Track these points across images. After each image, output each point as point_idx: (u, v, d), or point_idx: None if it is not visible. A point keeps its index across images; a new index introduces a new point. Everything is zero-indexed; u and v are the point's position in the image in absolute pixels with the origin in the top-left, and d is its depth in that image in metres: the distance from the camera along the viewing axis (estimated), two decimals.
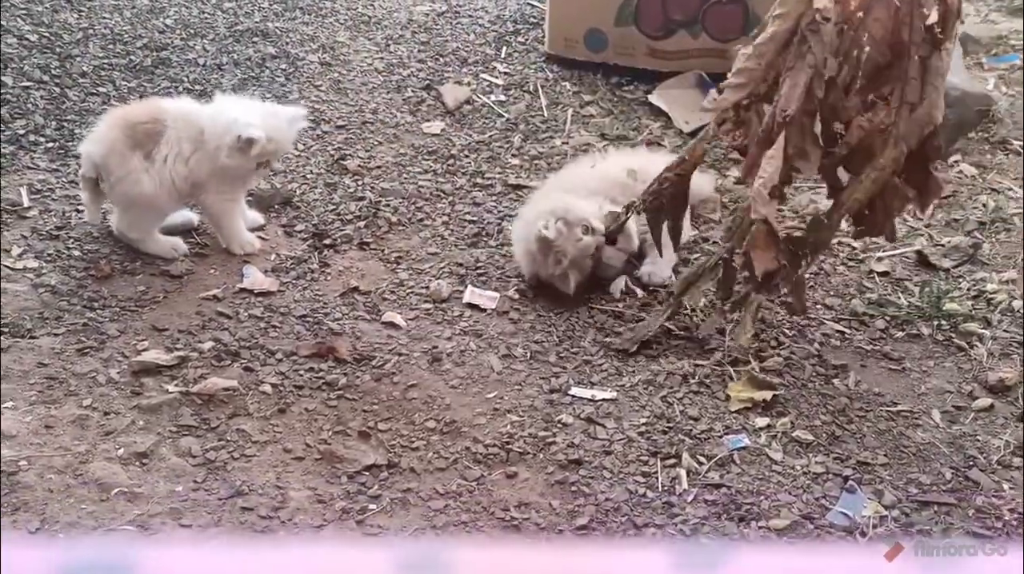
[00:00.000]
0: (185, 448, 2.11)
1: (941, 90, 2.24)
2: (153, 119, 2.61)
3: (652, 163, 3.05)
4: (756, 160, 2.20)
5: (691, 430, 2.24)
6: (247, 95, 3.50)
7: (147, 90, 3.42)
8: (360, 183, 3.17)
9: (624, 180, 2.89)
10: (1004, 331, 2.54)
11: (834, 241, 2.93)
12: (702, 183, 3.13)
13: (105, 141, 2.58)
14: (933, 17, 2.12)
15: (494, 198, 3.15)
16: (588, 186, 2.84)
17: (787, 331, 2.58)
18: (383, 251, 2.88)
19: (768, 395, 2.31)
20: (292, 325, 2.54)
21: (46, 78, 3.38)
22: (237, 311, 2.56)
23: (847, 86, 2.20)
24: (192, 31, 3.84)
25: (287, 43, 3.88)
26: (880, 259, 2.83)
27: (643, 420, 2.28)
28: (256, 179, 2.85)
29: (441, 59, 3.92)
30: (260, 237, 2.86)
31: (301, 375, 2.37)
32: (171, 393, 2.24)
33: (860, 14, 2.16)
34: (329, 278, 2.74)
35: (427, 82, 3.76)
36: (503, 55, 3.98)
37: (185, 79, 3.55)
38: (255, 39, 3.87)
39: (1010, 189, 3.10)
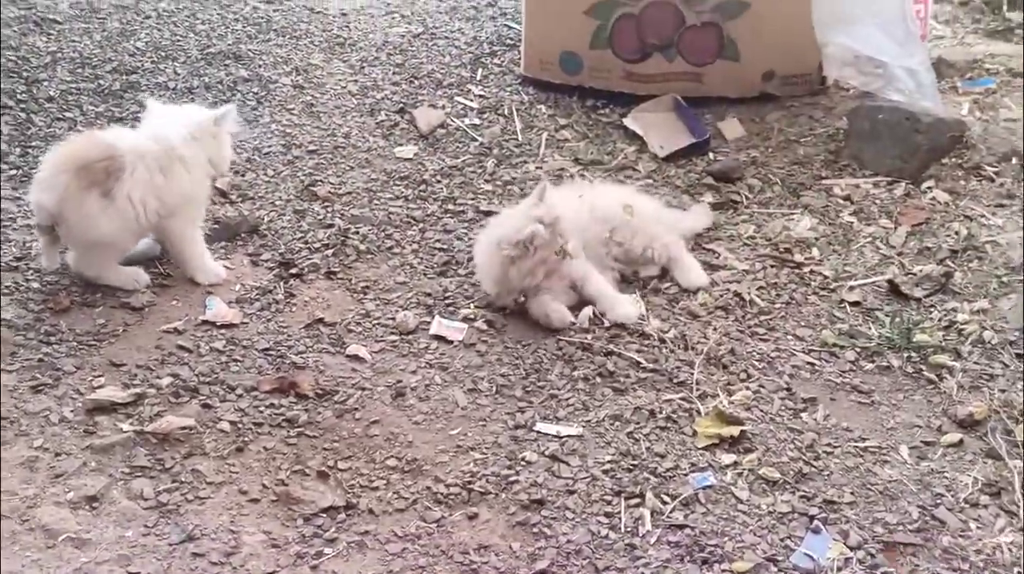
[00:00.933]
0: (137, 490, 2.06)
1: None
2: (107, 156, 2.53)
3: (642, 200, 3.03)
4: None
5: (656, 468, 2.21)
6: None
7: (115, 115, 3.39)
8: (330, 210, 3.14)
9: (621, 215, 2.87)
10: (975, 363, 2.51)
11: (806, 269, 2.91)
12: (699, 215, 3.11)
13: (56, 187, 2.49)
14: None
15: (465, 225, 3.12)
16: (579, 219, 2.81)
17: (756, 363, 2.55)
18: (350, 281, 2.84)
19: (735, 431, 2.28)
20: (254, 359, 2.49)
21: (11, 103, 3.34)
22: (198, 344, 2.51)
23: None
24: (163, 54, 3.81)
25: (260, 66, 3.85)
26: (852, 288, 2.81)
27: (608, 457, 2.24)
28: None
29: (416, 81, 3.90)
30: (226, 266, 2.82)
31: (261, 411, 2.32)
32: (125, 432, 2.19)
33: None
34: (294, 309, 2.70)
35: (401, 105, 3.73)
36: (479, 77, 3.96)
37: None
38: (227, 62, 3.84)
39: (983, 216, 3.08)
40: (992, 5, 4.37)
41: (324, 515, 2.06)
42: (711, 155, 3.51)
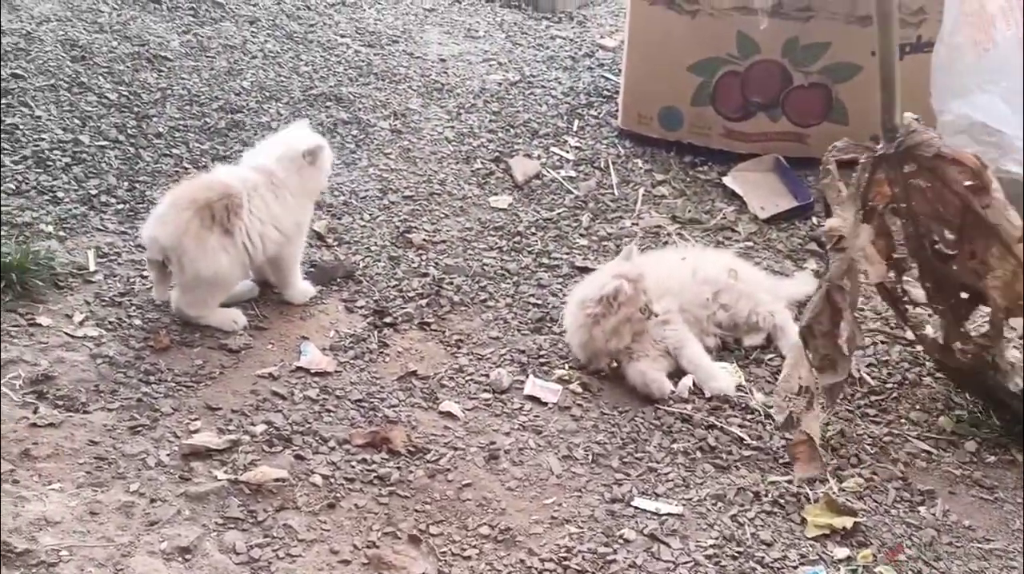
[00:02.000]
0: (229, 544, 2.02)
1: None
2: (224, 195, 2.58)
3: (744, 265, 2.94)
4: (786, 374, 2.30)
5: (763, 558, 2.09)
6: None
7: (219, 152, 3.43)
8: (424, 258, 3.11)
9: (725, 278, 2.79)
10: None
11: (920, 348, 2.77)
12: (803, 283, 3.02)
13: (176, 224, 2.53)
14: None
15: (560, 280, 3.06)
16: (680, 281, 2.74)
17: (868, 448, 2.42)
18: (444, 332, 2.80)
19: (849, 523, 2.15)
20: (347, 410, 2.46)
21: (122, 138, 3.41)
22: (292, 391, 2.49)
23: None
24: (267, 94, 3.86)
25: (359, 109, 3.88)
26: None
27: (711, 541, 2.13)
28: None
29: (512, 130, 3.88)
30: (322, 312, 2.81)
31: (353, 466, 2.28)
32: (220, 480, 2.16)
33: (903, 204, 2.35)
34: (387, 359, 2.67)
35: (497, 154, 3.72)
36: (575, 128, 3.92)
37: (256, 143, 3.55)
38: (328, 103, 3.88)
39: None
40: None
41: None
42: (815, 219, 3.40)
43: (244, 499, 2.14)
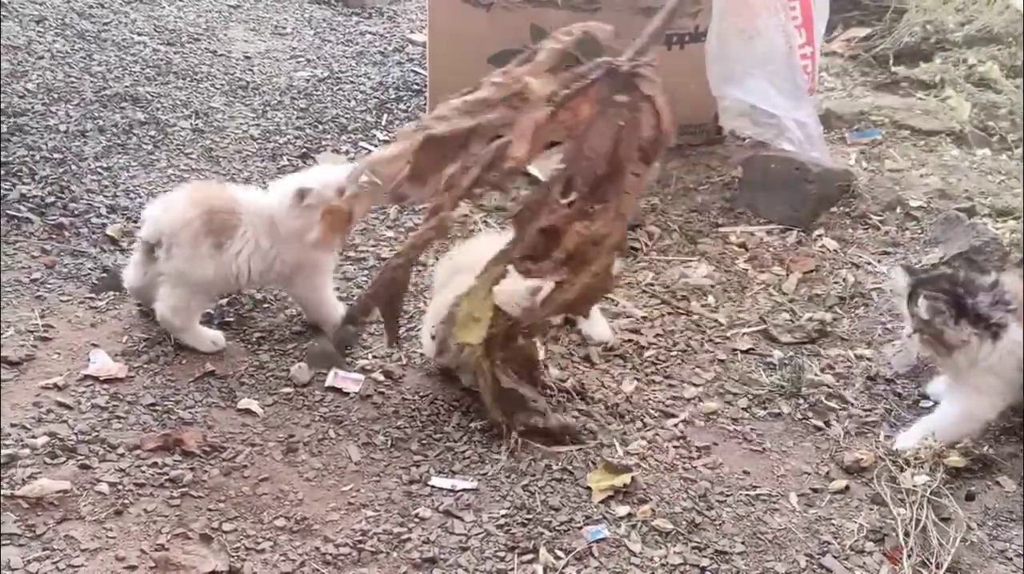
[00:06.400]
0: (3, 561, 1.94)
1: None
2: (230, 211, 2.58)
3: None
4: None
5: (551, 522, 2.19)
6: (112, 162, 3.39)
7: None
8: None
9: None
10: (861, 409, 2.58)
11: (702, 317, 2.96)
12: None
13: (180, 214, 2.53)
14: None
15: (365, 273, 3.09)
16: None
17: (652, 412, 2.57)
18: (245, 331, 2.77)
19: (627, 478, 2.28)
20: (139, 415, 2.40)
21: None
22: (79, 401, 2.41)
23: (566, 192, 2.28)
24: (56, 96, 3.69)
25: (158, 109, 3.77)
26: (743, 335, 2.86)
27: (503, 511, 2.22)
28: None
29: (320, 126, 3.87)
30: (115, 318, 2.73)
31: (143, 471, 2.23)
32: None
33: (584, 125, 2.27)
34: (184, 362, 2.61)
35: (304, 150, 3.69)
36: (384, 122, 3.95)
37: (43, 147, 3.39)
38: (123, 104, 3.74)
39: (869, 263, 3.20)
40: (880, 59, 4.59)
41: None
42: None
43: (21, 514, 2.06)
